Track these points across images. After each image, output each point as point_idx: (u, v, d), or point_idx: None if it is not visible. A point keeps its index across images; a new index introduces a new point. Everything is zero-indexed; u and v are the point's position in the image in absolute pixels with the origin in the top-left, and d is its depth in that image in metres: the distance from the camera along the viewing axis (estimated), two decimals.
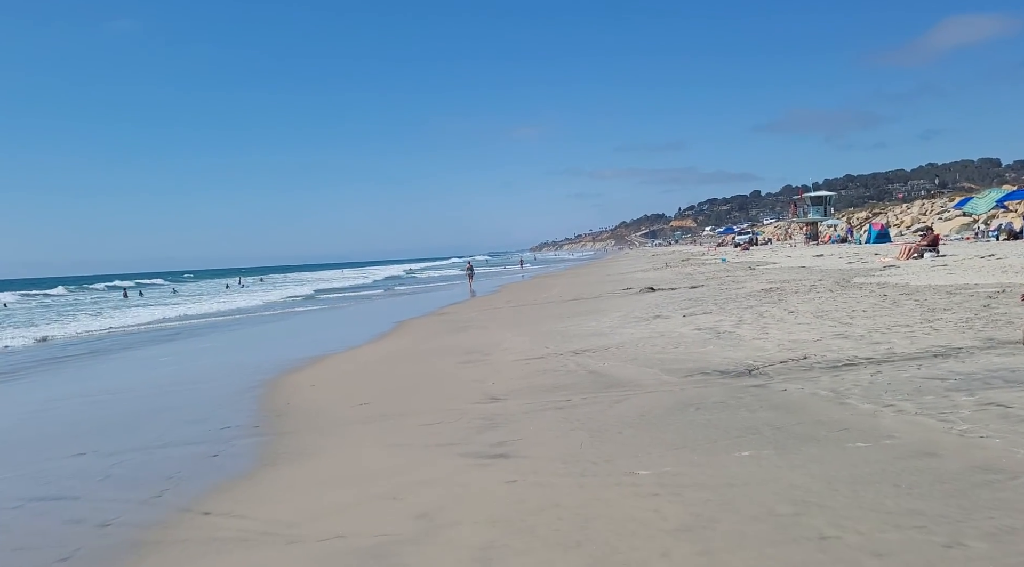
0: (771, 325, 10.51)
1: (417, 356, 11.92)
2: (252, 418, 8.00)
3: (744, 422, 5.63)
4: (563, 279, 38.06)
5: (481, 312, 20.53)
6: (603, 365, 8.79)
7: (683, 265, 38.83)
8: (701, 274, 28.12)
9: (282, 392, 9.55)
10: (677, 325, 11.74)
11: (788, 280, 19.31)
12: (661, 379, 7.69)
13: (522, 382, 8.38)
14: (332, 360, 12.41)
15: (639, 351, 9.55)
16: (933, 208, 57.82)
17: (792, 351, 8.36)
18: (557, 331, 12.86)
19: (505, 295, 28.58)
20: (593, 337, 11.44)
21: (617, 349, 9.94)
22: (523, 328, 14.31)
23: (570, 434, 5.87)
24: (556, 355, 10.02)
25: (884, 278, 16.80)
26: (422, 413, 7.34)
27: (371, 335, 16.33)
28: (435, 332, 15.72)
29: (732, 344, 9.30)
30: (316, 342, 16.45)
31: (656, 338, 10.55)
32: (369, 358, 12.33)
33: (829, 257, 31.09)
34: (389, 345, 14.06)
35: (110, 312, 36.26)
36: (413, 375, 9.96)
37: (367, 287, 51.22)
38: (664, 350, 9.43)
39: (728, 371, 7.70)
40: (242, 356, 14.95)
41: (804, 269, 24.15)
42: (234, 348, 17.58)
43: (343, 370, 11.07)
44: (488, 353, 11.14)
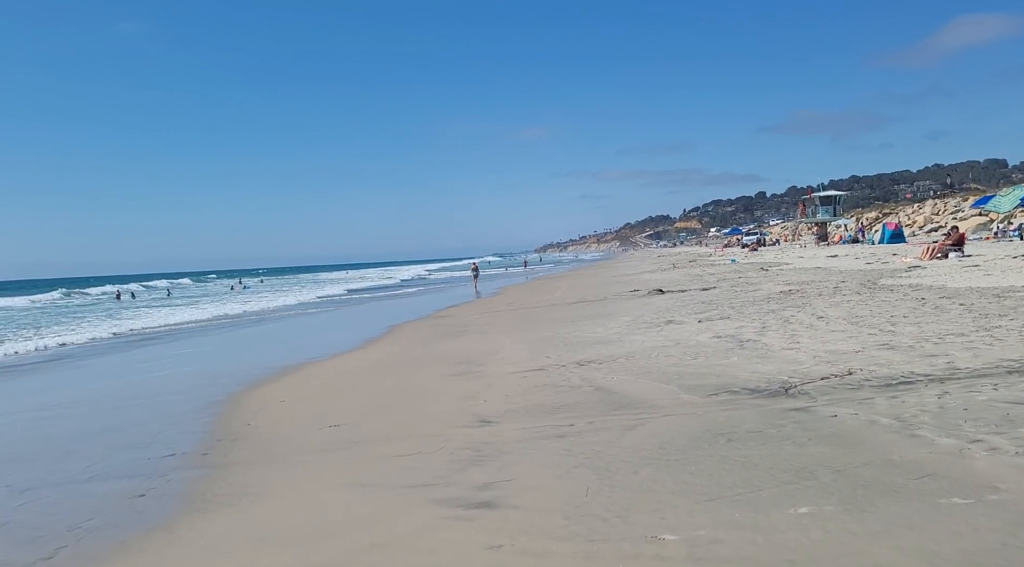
0: (801, 332, 9.35)
1: (405, 366, 10.78)
2: (203, 443, 6.87)
3: (793, 460, 4.47)
4: (567, 280, 36.90)
5: (480, 315, 19.39)
6: (611, 380, 7.64)
7: (691, 266, 37.64)
8: (711, 275, 26.94)
9: (248, 408, 8.42)
10: (693, 332, 10.58)
11: (807, 281, 18.12)
12: (680, 399, 6.54)
13: (518, 400, 7.24)
14: (312, 369, 11.28)
15: (652, 363, 8.39)
16: (946, 207, 56.49)
17: (832, 365, 7.20)
18: (560, 338, 11.71)
19: (507, 297, 27.43)
20: (599, 345, 10.29)
21: (627, 360, 8.79)
22: (523, 334, 13.16)
23: (573, 473, 4.73)
24: (558, 367, 8.87)
25: (913, 279, 15.60)
26: (399, 439, 6.21)
27: (360, 340, 15.20)
28: (428, 337, 14.58)
29: (759, 355, 8.13)
30: (301, 348, 15.33)
31: (670, 347, 9.39)
32: (353, 367, 11.20)
33: (844, 257, 29.86)
34: (377, 352, 12.92)
35: (127, 314, 35.21)
36: (397, 389, 8.83)
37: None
38: (681, 362, 8.27)
39: (759, 389, 6.54)
40: (220, 363, 13.83)
41: (821, 270, 22.95)
42: (215, 353, 16.47)
43: (321, 382, 9.93)
44: (483, 363, 10.00)
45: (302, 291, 50.55)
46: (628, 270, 42.97)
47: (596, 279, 35.23)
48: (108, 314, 35.10)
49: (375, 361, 11.66)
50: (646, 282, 26.47)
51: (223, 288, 66.12)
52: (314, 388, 9.50)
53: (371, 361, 11.70)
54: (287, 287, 61.05)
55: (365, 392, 8.84)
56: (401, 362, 11.24)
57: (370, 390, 8.95)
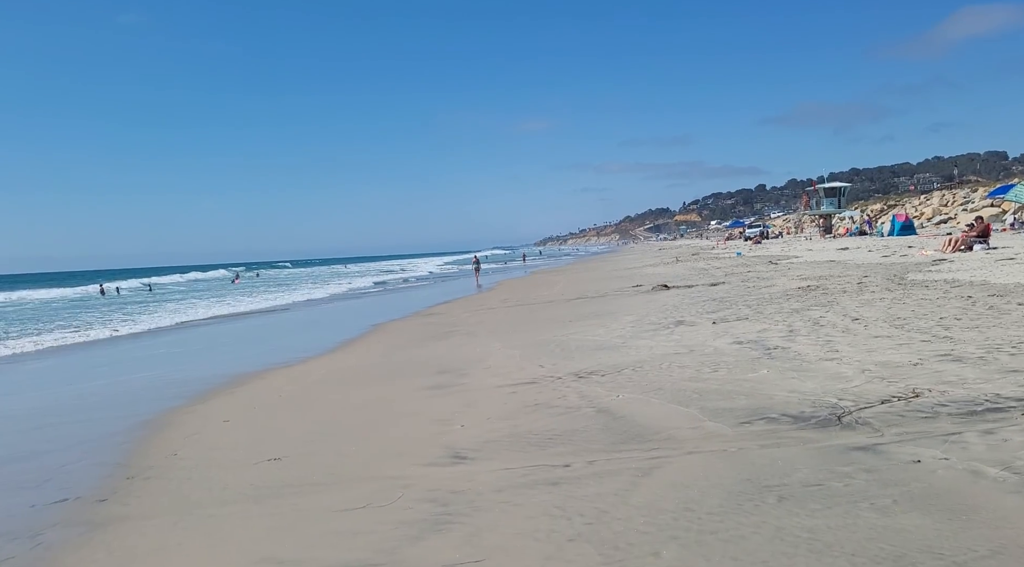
0: (837, 338, 7.99)
1: (378, 375, 9.43)
2: (110, 482, 5.53)
3: (881, 540, 3.13)
4: (566, 275, 35.54)
5: (473, 313, 18.04)
6: (617, 399, 6.30)
7: (694, 259, 36.27)
8: (717, 269, 25.58)
9: (183, 430, 7.08)
10: (708, 335, 9.23)
11: (824, 276, 16.76)
12: (704, 428, 5.19)
13: (502, 425, 5.90)
14: (275, 377, 9.93)
15: (664, 376, 7.04)
16: (955, 199, 55.08)
17: (889, 382, 5.85)
18: (556, 341, 10.36)
19: (503, 292, 26.08)
20: (601, 352, 8.94)
21: (633, 371, 7.44)
22: (516, 336, 11.81)
23: (567, 551, 3.40)
24: (553, 379, 7.53)
25: (945, 274, 14.24)
26: (348, 483, 4.87)
27: (338, 341, 13.85)
28: (412, 339, 13.23)
29: (794, 367, 6.78)
30: (273, 350, 13.98)
31: (684, 355, 8.04)
32: (321, 375, 9.85)
33: (856, 250, 28.50)
34: (352, 356, 11.58)
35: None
36: (362, 407, 7.48)
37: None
38: (699, 375, 6.92)
39: (804, 416, 5.20)
40: (179, 367, 12.47)
41: (835, 263, 21.59)
42: (181, 355, 15.10)
43: (279, 395, 8.59)
44: (466, 373, 8.66)
45: (292, 291, 49.21)
46: (629, 264, 41.63)
47: (596, 273, 33.88)
48: (84, 312, 33.74)
49: (347, 368, 10.31)
50: (649, 277, 25.12)
51: (221, 282, 64.61)
52: (268, 403, 8.15)
53: (342, 368, 10.34)
54: (291, 281, 59.72)
55: (324, 410, 7.50)
56: (375, 370, 9.89)
57: (331, 407, 7.60)
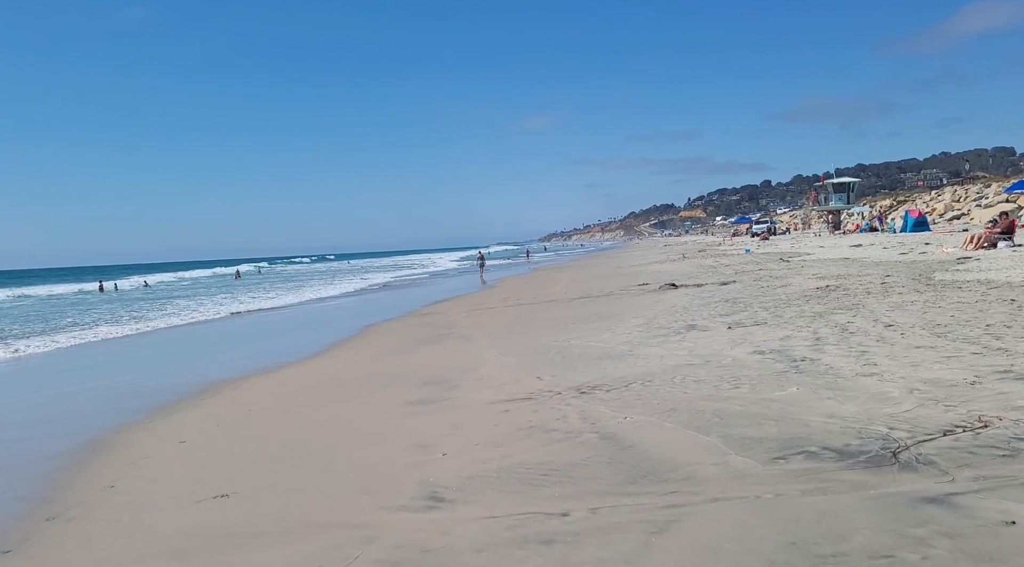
0: (872, 348, 7.10)
1: (358, 386, 8.57)
2: (26, 521, 4.68)
3: None
4: (569, 272, 34.64)
5: (470, 313, 17.18)
6: (624, 422, 5.42)
7: (701, 256, 35.34)
8: (726, 267, 24.67)
9: (131, 452, 6.24)
10: (724, 343, 8.34)
11: (842, 275, 15.84)
12: (730, 464, 4.32)
13: (491, 455, 5.03)
14: (247, 387, 9.08)
15: (678, 393, 6.16)
16: (967, 194, 53.93)
17: (947, 406, 4.96)
18: (557, 347, 9.49)
19: (503, 290, 25.22)
20: (606, 361, 8.06)
21: (643, 386, 6.56)
22: (514, 340, 10.94)
23: None
24: (552, 395, 6.65)
25: (975, 273, 13.31)
26: (298, 533, 4.01)
27: (324, 344, 13.00)
28: (402, 343, 12.36)
29: (828, 385, 5.89)
30: (253, 354, 13.12)
31: (699, 367, 7.16)
32: (297, 384, 9.00)
33: (870, 247, 27.53)
34: (335, 362, 10.72)
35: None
36: (335, 425, 6.61)
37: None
38: (718, 392, 6.04)
39: (851, 450, 4.32)
40: (153, 372, 11.62)
41: (851, 261, 20.65)
42: (158, 358, 14.26)
43: (247, 409, 7.73)
44: (456, 385, 7.79)
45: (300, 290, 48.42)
46: (634, 260, 40.72)
47: (600, 271, 32.98)
48: (75, 311, 32.98)
49: (328, 377, 9.45)
50: (655, 274, 24.23)
51: (223, 279, 63.76)
52: (234, 419, 7.30)
53: (323, 376, 9.48)
54: (298, 278, 58.89)
55: (293, 429, 6.63)
56: (356, 380, 9.02)
57: (301, 426, 6.74)
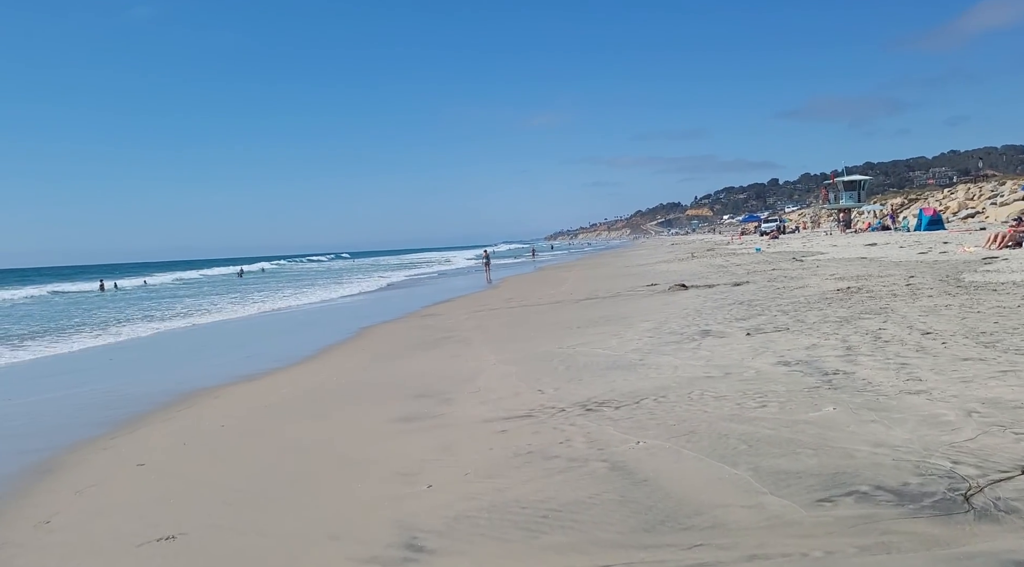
0: (912, 360, 6.36)
1: (344, 398, 7.86)
2: None
3: None
4: (574, 272, 33.90)
5: (471, 314, 16.48)
6: (637, 449, 4.71)
7: (710, 256, 34.55)
8: (738, 266, 23.90)
9: (81, 477, 5.57)
10: (744, 352, 7.61)
11: (862, 276, 15.07)
12: (766, 507, 3.60)
13: (482, 489, 4.33)
14: (227, 396, 8.41)
15: (698, 412, 5.44)
16: (982, 193, 52.89)
17: (1017, 433, 4.23)
18: (561, 355, 8.77)
19: (507, 291, 24.50)
20: (615, 372, 7.34)
21: (656, 402, 5.84)
22: (516, 346, 10.24)
23: None
24: (555, 412, 5.94)
25: (1007, 274, 12.52)
26: None
27: (315, 348, 12.32)
28: (397, 347, 11.67)
29: (869, 404, 5.16)
30: (240, 359, 12.43)
31: (719, 380, 6.43)
32: (279, 395, 8.30)
33: (885, 246, 26.70)
34: (323, 369, 10.03)
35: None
36: (312, 446, 5.92)
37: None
38: (743, 411, 5.32)
39: (911, 491, 3.60)
40: (133, 378, 10.97)
41: (869, 261, 19.86)
42: (141, 363, 13.61)
43: (220, 424, 7.04)
44: (450, 398, 7.08)
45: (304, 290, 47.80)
46: (641, 259, 39.95)
47: (607, 270, 32.23)
48: (75, 310, 32.42)
49: (313, 387, 8.75)
50: (663, 274, 23.47)
51: (225, 279, 63.13)
52: (204, 436, 6.61)
53: (307, 387, 8.79)
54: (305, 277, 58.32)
55: (264, 450, 5.94)
56: (343, 390, 8.32)
57: (274, 446, 6.04)
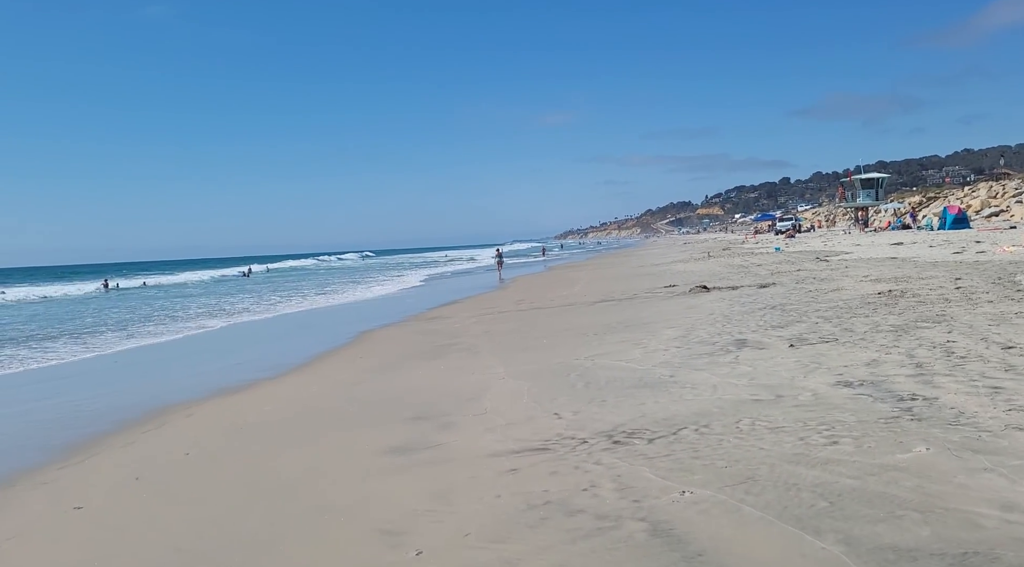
0: (1006, 383, 5.29)
1: (330, 420, 6.87)
2: None
3: None
4: (587, 271, 32.84)
5: (479, 318, 15.49)
6: (682, 502, 3.70)
7: (727, 255, 33.42)
8: (758, 266, 22.80)
9: (3, 523, 4.60)
10: (792, 367, 6.57)
11: (900, 278, 13.97)
12: None
13: (486, 560, 3.32)
14: (202, 413, 7.46)
15: (752, 449, 4.42)
16: (1005, 190, 51.47)
17: None
18: (578, 368, 7.76)
19: (516, 291, 23.51)
20: (642, 391, 6.32)
21: (698, 435, 4.82)
22: (527, 356, 9.23)
23: None
24: (575, 443, 4.94)
25: None
26: None
27: (307, 355, 11.37)
28: (396, 356, 10.69)
29: (970, 443, 4.12)
30: (227, 367, 11.49)
31: (769, 405, 5.40)
32: (259, 414, 7.33)
33: (913, 245, 25.52)
34: (312, 381, 9.06)
35: None
36: (280, 489, 4.93)
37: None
38: (809, 449, 4.29)
39: None
40: (108, 389, 10.04)
41: (901, 261, 18.72)
42: (123, 371, 12.69)
43: (184, 452, 6.07)
44: (450, 423, 6.08)
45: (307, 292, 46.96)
46: (654, 259, 38.83)
47: (620, 270, 31.16)
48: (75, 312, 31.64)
49: (296, 405, 7.77)
50: (681, 275, 22.40)
51: (230, 280, 62.40)
52: (164, 468, 5.65)
53: (291, 403, 7.80)
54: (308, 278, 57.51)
55: (223, 493, 4.95)
56: (331, 409, 7.33)
57: (237, 486, 5.06)
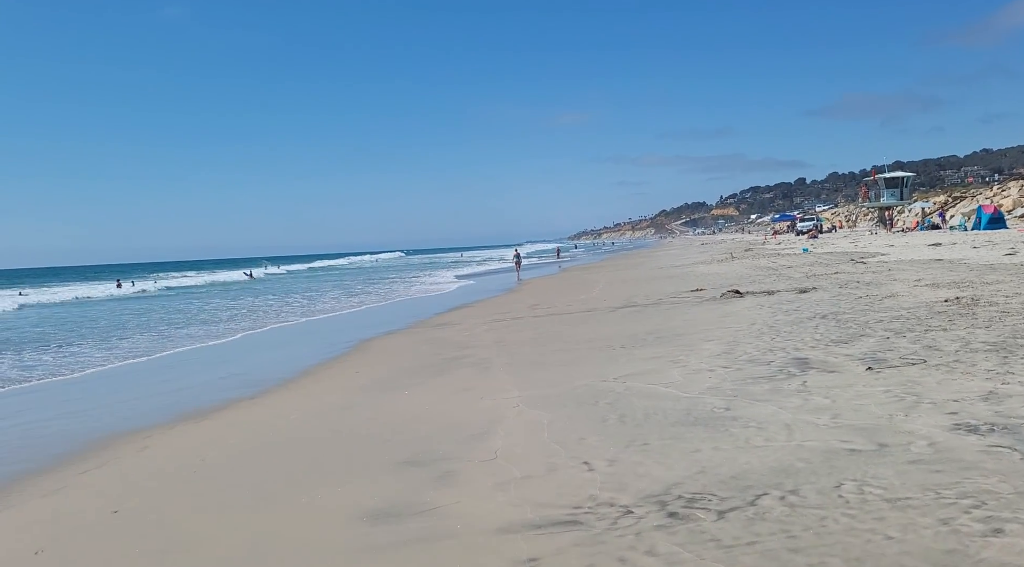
0: None
1: (302, 462, 5.57)
2: None
3: None
4: (605, 273, 31.43)
5: (491, 324, 14.19)
6: None
7: (751, 256, 31.93)
8: (788, 268, 21.34)
9: None
10: (882, 399, 5.21)
11: (962, 282, 12.53)
12: None
13: None
14: (152, 449, 6.21)
15: (878, 540, 3.07)
16: None
17: None
18: (607, 394, 6.43)
19: (531, 294, 22.18)
20: (694, 431, 4.97)
21: (789, 509, 3.49)
22: (545, 375, 7.91)
23: None
24: (617, 514, 3.62)
25: None
26: None
27: (296, 369, 10.11)
28: (396, 371, 9.39)
29: None
30: (199, 385, 10.26)
31: (873, 458, 4.05)
32: (221, 449, 6.07)
33: (953, 247, 23.97)
34: (293, 405, 7.77)
35: None
36: None
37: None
38: (963, 541, 2.95)
39: None
40: (60, 411, 8.83)
41: (951, 264, 17.24)
42: (97, 386, 11.48)
43: (104, 513, 4.80)
44: (451, 473, 4.77)
45: None
46: (674, 260, 37.35)
47: (639, 271, 29.74)
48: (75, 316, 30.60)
49: (266, 436, 6.47)
50: (705, 277, 20.98)
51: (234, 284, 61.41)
52: (70, 534, 4.38)
53: (263, 434, 6.51)
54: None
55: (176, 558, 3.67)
56: (306, 444, 6.02)
57: (197, 546, 3.77)
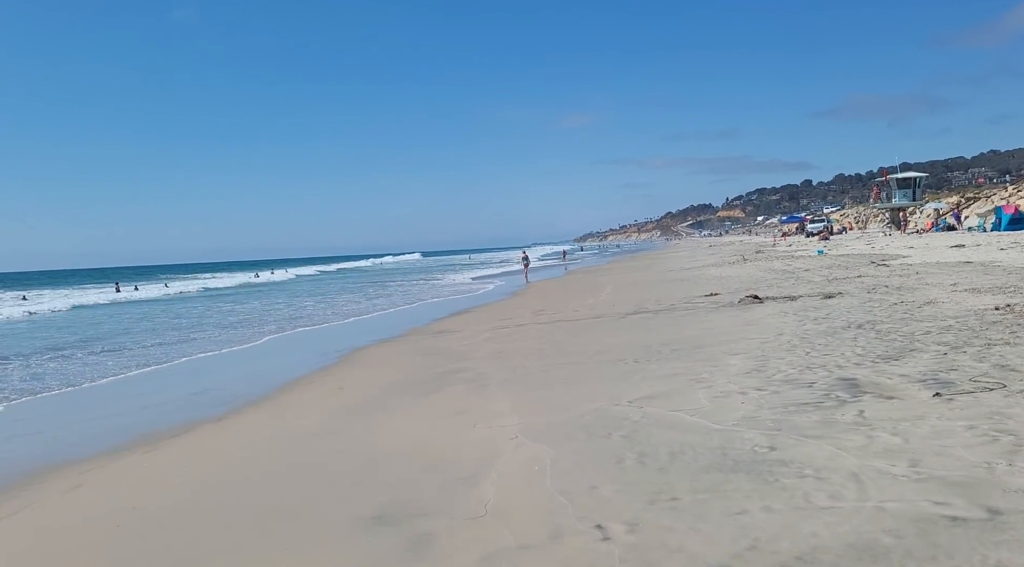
0: None
1: (248, 518, 4.59)
2: None
3: None
4: (611, 276, 30.40)
5: (492, 332, 13.22)
6: None
7: (762, 258, 30.88)
8: (805, 271, 20.32)
9: None
10: (963, 436, 4.23)
11: (1004, 287, 11.50)
12: None
13: None
14: (75, 493, 5.24)
15: None
16: None
17: None
18: (622, 423, 5.44)
19: (535, 299, 21.20)
20: (733, 480, 3.99)
21: None
22: (548, 396, 6.93)
23: None
24: None
25: None
26: None
27: (274, 384, 9.16)
28: (386, 388, 8.43)
29: None
30: (166, 402, 9.31)
31: (984, 533, 3.06)
32: (158, 491, 5.12)
33: (977, 248, 22.91)
34: (255, 430, 6.80)
35: None
36: None
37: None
38: None
39: None
40: (27, 429, 7.89)
41: (981, 266, 16.19)
42: (59, 406, 10.55)
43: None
44: (428, 537, 3.80)
45: None
46: (683, 263, 36.31)
47: (648, 274, 28.72)
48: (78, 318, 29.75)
49: (210, 477, 5.50)
50: (719, 281, 19.97)
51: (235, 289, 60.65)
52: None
53: (203, 475, 5.54)
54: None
55: None
56: (258, 491, 5.04)
57: None
